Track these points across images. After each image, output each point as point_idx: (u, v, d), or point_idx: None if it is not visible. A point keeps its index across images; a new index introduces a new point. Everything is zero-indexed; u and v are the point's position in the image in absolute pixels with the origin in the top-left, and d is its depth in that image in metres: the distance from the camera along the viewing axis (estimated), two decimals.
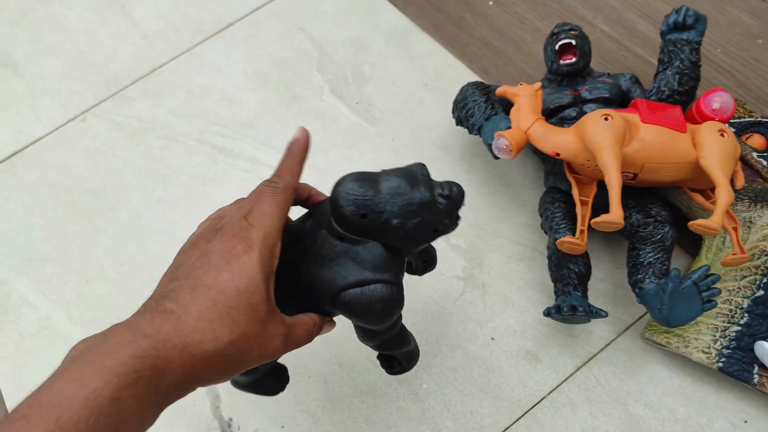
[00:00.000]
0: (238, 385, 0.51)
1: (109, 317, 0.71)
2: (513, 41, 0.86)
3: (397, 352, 0.50)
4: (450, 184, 0.44)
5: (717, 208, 0.55)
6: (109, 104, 0.89)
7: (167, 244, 0.75)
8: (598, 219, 0.56)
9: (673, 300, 0.55)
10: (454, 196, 0.44)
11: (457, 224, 0.46)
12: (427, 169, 0.44)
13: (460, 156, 0.78)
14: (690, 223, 0.55)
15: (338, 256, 0.43)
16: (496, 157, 0.66)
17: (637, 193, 0.64)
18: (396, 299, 0.43)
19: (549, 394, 0.62)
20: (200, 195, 0.79)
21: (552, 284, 0.64)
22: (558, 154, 0.61)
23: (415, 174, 0.43)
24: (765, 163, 0.64)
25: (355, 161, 0.79)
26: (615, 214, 0.55)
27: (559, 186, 0.67)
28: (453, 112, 0.73)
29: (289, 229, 0.47)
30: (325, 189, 0.78)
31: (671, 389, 0.61)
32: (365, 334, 0.47)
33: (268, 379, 0.52)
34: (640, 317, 0.65)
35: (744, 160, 0.65)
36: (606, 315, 0.58)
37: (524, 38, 0.86)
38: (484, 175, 0.76)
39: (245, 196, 0.47)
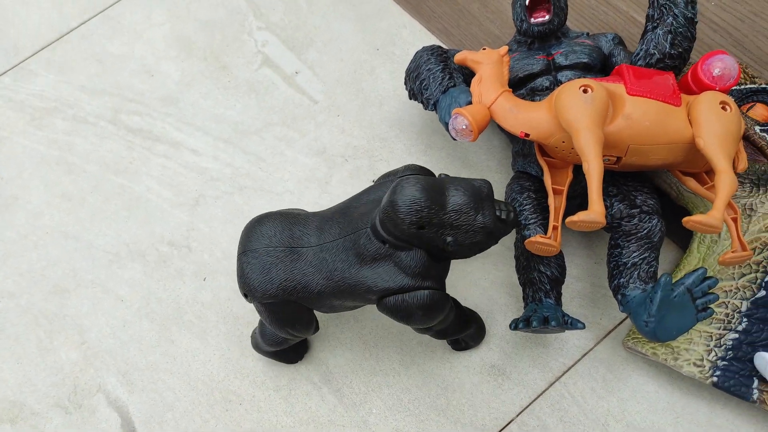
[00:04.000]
0: (261, 351, 0.54)
1: (5, 341, 0.60)
2: None
3: (457, 336, 0.52)
4: (509, 209, 0.45)
5: (717, 200, 0.45)
6: (7, 80, 0.75)
7: (73, 249, 0.64)
8: (574, 218, 0.46)
9: (662, 310, 0.46)
10: (511, 223, 0.45)
11: (498, 242, 0.47)
12: (491, 189, 0.44)
13: (417, 134, 0.67)
14: (685, 219, 0.45)
15: (381, 258, 0.44)
16: (455, 139, 0.55)
17: (619, 177, 0.55)
18: (437, 305, 0.44)
19: (518, 415, 0.54)
20: (112, 188, 0.67)
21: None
22: (527, 135, 0.51)
23: (482, 194, 0.44)
24: None
25: (294, 143, 0.68)
26: (595, 212, 0.45)
27: (528, 171, 0.57)
28: (405, 84, 0.62)
29: (321, 214, 0.48)
30: (260, 177, 0.66)
31: (657, 406, 0.53)
32: (415, 330, 0.48)
33: (291, 350, 0.55)
34: (622, 321, 0.56)
35: (745, 137, 0.55)
36: (583, 327, 0.49)
37: None
38: (443, 156, 0.65)
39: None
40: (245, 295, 0.47)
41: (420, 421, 0.54)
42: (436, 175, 0.47)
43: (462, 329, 0.51)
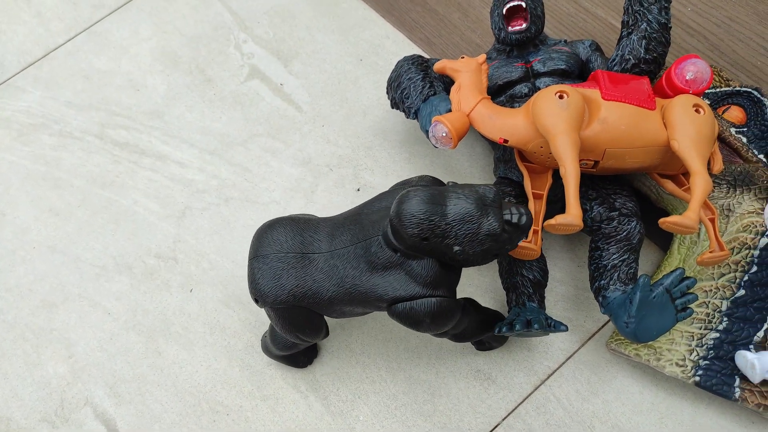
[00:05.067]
0: (271, 354, 0.55)
1: None
2: (459, 6, 0.75)
3: (479, 338, 0.52)
4: (519, 212, 0.44)
5: (692, 201, 0.46)
6: None
7: (60, 263, 0.64)
8: (552, 221, 0.46)
9: (641, 311, 0.47)
10: (522, 226, 0.44)
11: (517, 245, 0.46)
12: (498, 194, 0.44)
13: (401, 142, 0.68)
14: (661, 220, 0.46)
15: (392, 266, 0.44)
16: (436, 146, 0.56)
17: (598, 181, 0.55)
18: (445, 312, 0.45)
19: (504, 419, 0.54)
20: (99, 202, 0.67)
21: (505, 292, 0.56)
22: (506, 141, 0.52)
23: (486, 199, 0.43)
24: (745, 140, 0.56)
25: (279, 153, 0.68)
26: (572, 215, 0.46)
27: (510, 176, 0.58)
28: (387, 93, 0.63)
29: (334, 220, 0.48)
30: (246, 188, 0.67)
31: (642, 407, 0.53)
32: (432, 334, 0.48)
33: (300, 353, 0.55)
34: (605, 323, 0.57)
35: (721, 138, 0.56)
36: (566, 329, 0.50)
37: (471, 2, 0.75)
38: (427, 164, 0.66)
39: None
40: (256, 300, 0.47)
41: (407, 427, 0.54)
42: (446, 184, 0.47)
43: (483, 331, 0.51)
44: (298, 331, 0.48)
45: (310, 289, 0.46)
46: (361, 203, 0.50)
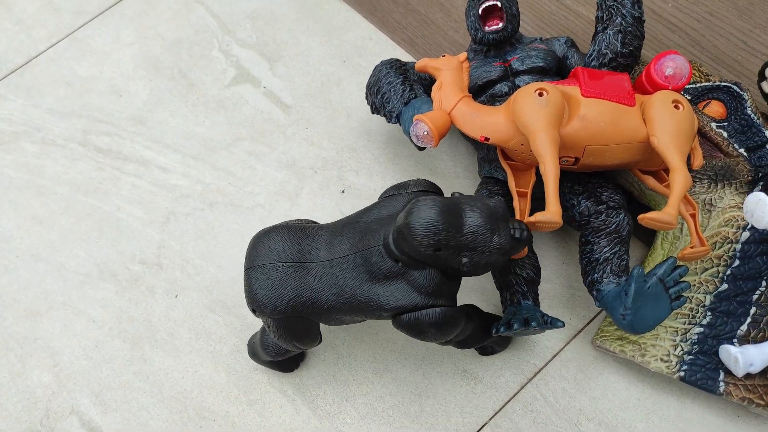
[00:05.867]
0: (258, 360, 0.54)
1: None
2: (441, 6, 0.75)
3: (482, 344, 0.52)
4: (522, 228, 0.45)
5: (671, 197, 0.46)
6: None
7: (44, 271, 0.63)
8: (532, 218, 0.46)
9: (637, 302, 0.46)
10: (524, 240, 0.45)
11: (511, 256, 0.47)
12: (506, 208, 0.45)
13: (385, 143, 0.67)
14: (640, 217, 0.46)
15: (393, 275, 0.44)
16: (420, 148, 0.56)
17: (584, 176, 0.55)
18: (450, 322, 0.45)
19: (491, 419, 0.54)
20: (82, 209, 0.67)
21: (497, 291, 0.56)
22: (487, 139, 0.52)
23: (497, 215, 0.44)
24: (725, 134, 0.56)
25: (263, 157, 0.68)
26: (551, 212, 0.46)
27: (495, 176, 0.58)
28: (367, 98, 0.63)
29: (330, 228, 0.48)
30: (230, 193, 0.67)
31: (628, 403, 0.53)
32: (437, 343, 0.48)
33: (290, 359, 0.54)
34: (591, 320, 0.57)
35: (701, 133, 0.56)
36: (563, 325, 0.49)
37: (453, 2, 0.75)
38: (411, 164, 0.66)
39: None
40: (253, 311, 0.46)
41: (394, 428, 0.54)
42: (450, 194, 0.47)
43: (485, 337, 0.51)
44: (295, 340, 0.48)
45: (309, 299, 0.45)
46: (359, 210, 0.49)
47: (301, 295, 0.45)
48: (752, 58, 0.66)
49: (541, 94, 0.49)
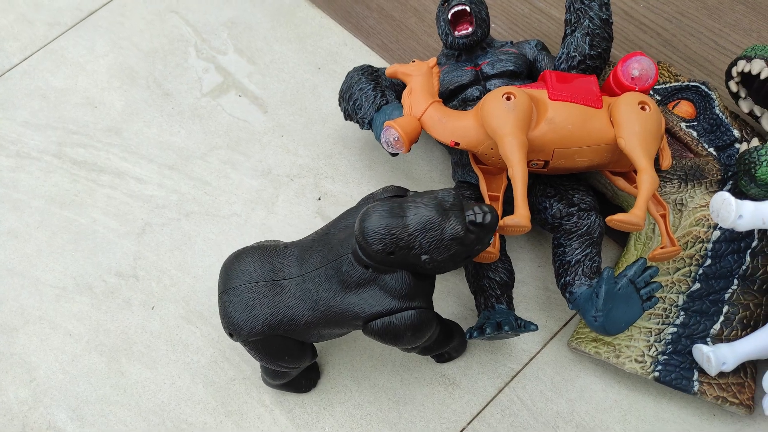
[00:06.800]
0: (271, 385, 0.54)
1: None
2: (415, 11, 0.75)
3: (443, 351, 0.52)
4: (483, 211, 0.43)
5: (639, 198, 0.46)
6: None
7: (20, 286, 0.63)
8: (501, 222, 0.46)
9: (608, 304, 0.47)
10: (487, 224, 0.43)
11: (489, 244, 0.46)
12: (458, 196, 0.44)
13: (360, 149, 0.67)
14: (608, 219, 0.46)
15: (365, 282, 0.44)
16: (393, 154, 0.56)
17: (556, 179, 0.56)
18: (426, 323, 0.44)
19: (469, 423, 0.54)
20: (58, 222, 0.66)
21: (472, 295, 0.56)
22: (457, 144, 0.52)
23: (446, 204, 0.43)
24: (695, 134, 0.56)
25: (239, 165, 0.68)
26: (520, 216, 0.46)
27: (469, 180, 0.58)
28: (340, 105, 0.63)
29: (300, 244, 0.47)
30: (206, 202, 0.67)
31: (605, 404, 0.53)
32: (402, 349, 0.48)
33: (301, 377, 0.54)
34: (567, 322, 0.57)
35: (671, 133, 0.57)
36: (536, 328, 0.50)
37: (427, 6, 0.75)
38: (387, 170, 0.66)
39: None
40: (230, 335, 0.46)
41: None
42: (409, 193, 0.47)
43: (447, 343, 0.51)
44: (278, 360, 0.48)
45: (285, 316, 0.45)
46: (326, 223, 0.49)
47: (276, 314, 0.45)
48: (723, 57, 0.67)
49: (508, 99, 0.49)
